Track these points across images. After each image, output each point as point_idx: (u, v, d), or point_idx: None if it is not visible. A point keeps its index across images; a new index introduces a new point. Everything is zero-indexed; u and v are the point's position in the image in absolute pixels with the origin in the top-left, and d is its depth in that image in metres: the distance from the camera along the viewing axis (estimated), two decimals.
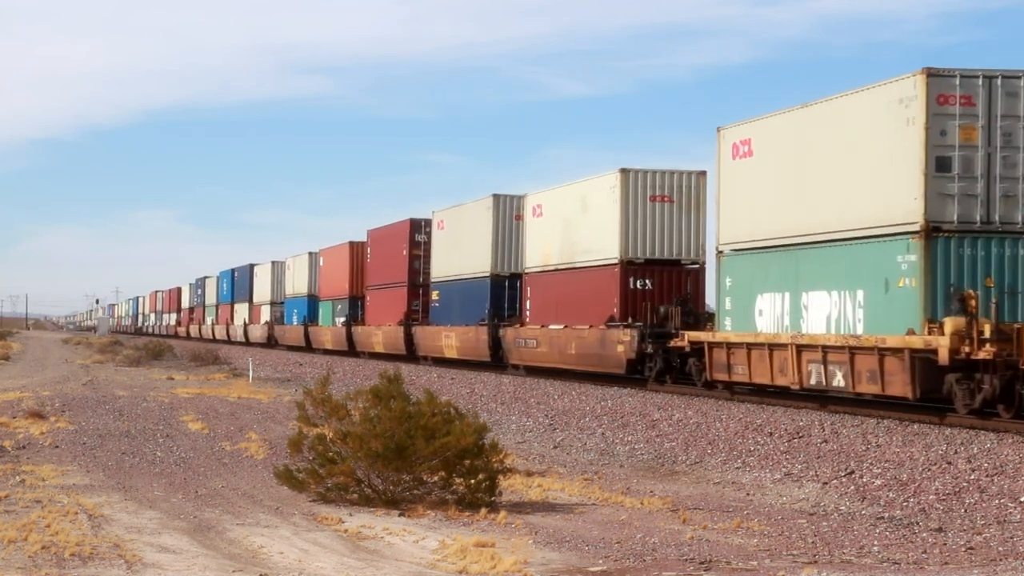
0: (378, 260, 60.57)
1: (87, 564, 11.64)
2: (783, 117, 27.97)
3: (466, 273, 47.79)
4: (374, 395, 16.52)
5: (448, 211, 51.68)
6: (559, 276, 39.85)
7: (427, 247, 53.52)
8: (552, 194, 41.29)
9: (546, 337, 39.78)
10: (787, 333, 26.72)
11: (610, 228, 35.92)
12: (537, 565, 12.13)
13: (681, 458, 21.92)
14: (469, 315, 46.68)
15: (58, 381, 40.77)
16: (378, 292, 60.05)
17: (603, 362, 35.94)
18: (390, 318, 56.94)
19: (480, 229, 46.49)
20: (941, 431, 21.31)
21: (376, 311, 60.23)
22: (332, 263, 70.32)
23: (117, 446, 22.03)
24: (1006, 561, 12.61)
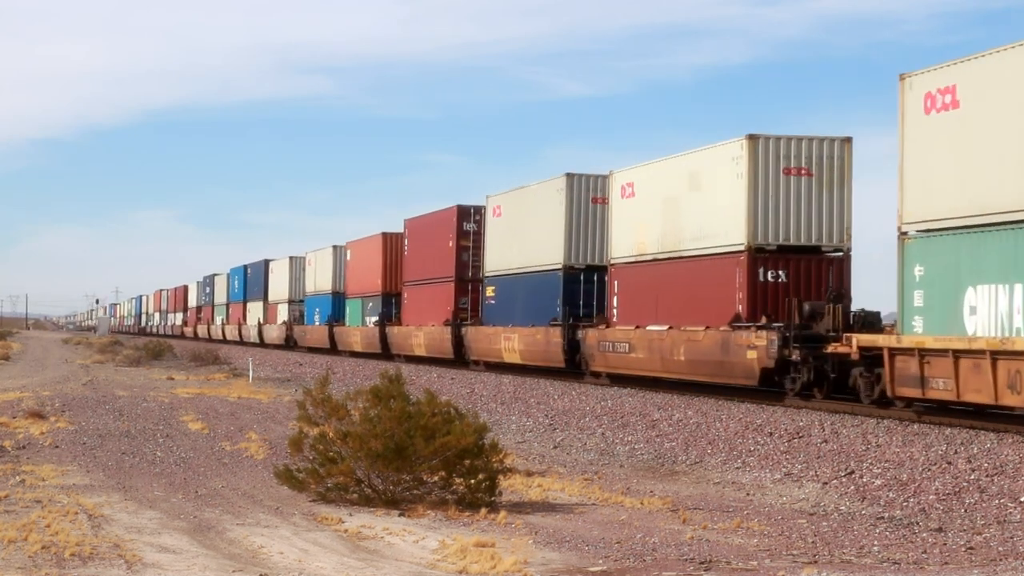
0: (418, 252, 54.03)
1: (87, 564, 11.64)
2: (1007, 55, 21.39)
3: (531, 266, 41.17)
4: (374, 395, 16.52)
5: (506, 195, 44.68)
6: (659, 268, 32.91)
7: (478, 237, 47.04)
8: (648, 170, 34.33)
9: (643, 341, 33.00)
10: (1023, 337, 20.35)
11: (733, 208, 29.33)
12: (537, 565, 12.13)
13: (681, 458, 21.92)
14: (536, 314, 40.19)
15: (58, 381, 40.77)
16: (418, 288, 53.64)
17: (726, 371, 29.19)
18: (433, 317, 50.46)
19: (549, 214, 39.77)
20: (941, 431, 21.30)
21: (416, 309, 53.84)
22: (361, 257, 63.31)
23: (117, 446, 22.03)
24: (1006, 561, 12.61)
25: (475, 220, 47.71)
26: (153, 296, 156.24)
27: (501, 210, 44.73)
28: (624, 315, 35.01)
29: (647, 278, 33.71)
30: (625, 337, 34.22)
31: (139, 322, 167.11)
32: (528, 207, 42.12)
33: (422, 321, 52.02)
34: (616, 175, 35.85)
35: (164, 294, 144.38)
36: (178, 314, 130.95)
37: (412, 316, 54.18)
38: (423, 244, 53.27)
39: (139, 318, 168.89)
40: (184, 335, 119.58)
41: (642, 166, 34.78)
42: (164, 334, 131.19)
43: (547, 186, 40.52)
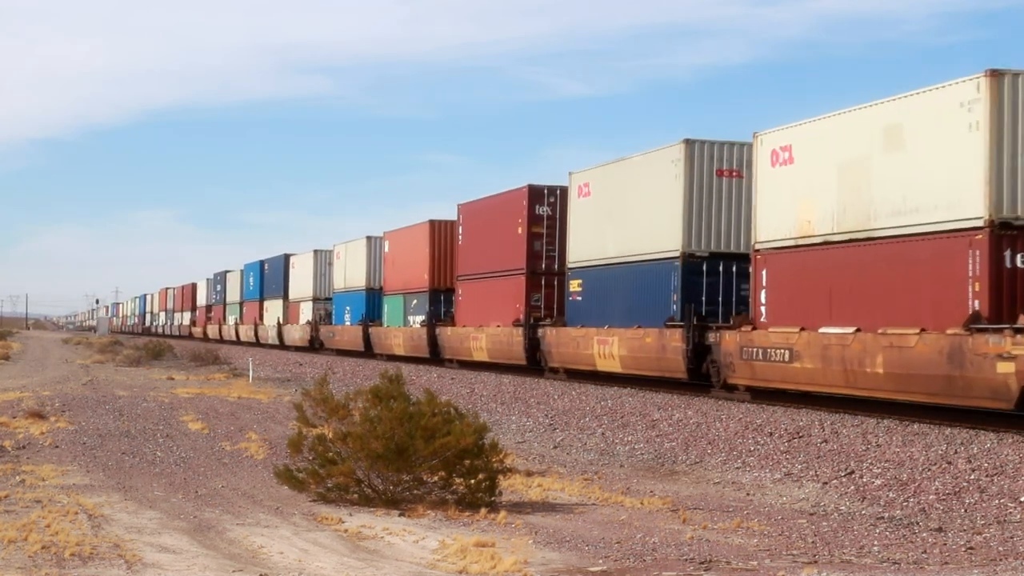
0: (476, 242, 46.41)
1: (87, 564, 11.64)
2: None
3: (634, 254, 33.75)
4: (374, 395, 16.52)
5: (598, 170, 36.97)
6: (835, 253, 25.39)
7: (554, 222, 40.40)
8: (815, 128, 26.62)
9: (812, 347, 25.30)
10: None
11: (962, 170, 21.90)
12: (537, 565, 12.13)
13: (681, 458, 21.92)
14: (642, 313, 32.97)
15: (58, 381, 40.76)
16: (477, 283, 46.14)
17: (957, 389, 21.56)
18: (498, 317, 43.01)
19: (660, 191, 32.40)
20: (941, 431, 21.30)
21: (474, 308, 46.25)
22: (403, 248, 55.93)
23: (117, 446, 22.03)
24: (1006, 561, 12.61)
25: (550, 202, 40.63)
26: (158, 295, 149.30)
27: (590, 188, 37.00)
28: (777, 314, 27.36)
29: (815, 266, 26.08)
30: (784, 341, 26.31)
31: (143, 322, 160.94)
32: (629, 183, 34.56)
33: (483, 321, 44.70)
34: (765, 137, 28.16)
35: (170, 292, 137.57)
36: (186, 313, 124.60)
37: (469, 315, 46.77)
38: (483, 232, 45.74)
39: (143, 318, 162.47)
40: (192, 336, 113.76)
41: (805, 124, 27.05)
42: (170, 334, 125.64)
43: (657, 157, 32.91)
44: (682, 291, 31.10)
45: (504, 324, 42.26)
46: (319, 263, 72.26)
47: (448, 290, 50.38)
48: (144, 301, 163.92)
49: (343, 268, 66.38)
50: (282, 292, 79.77)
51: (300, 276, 76.18)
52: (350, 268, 65.07)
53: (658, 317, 31.94)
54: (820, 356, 25.04)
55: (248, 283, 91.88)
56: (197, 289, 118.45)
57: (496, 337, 43.00)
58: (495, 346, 43.15)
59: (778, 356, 26.61)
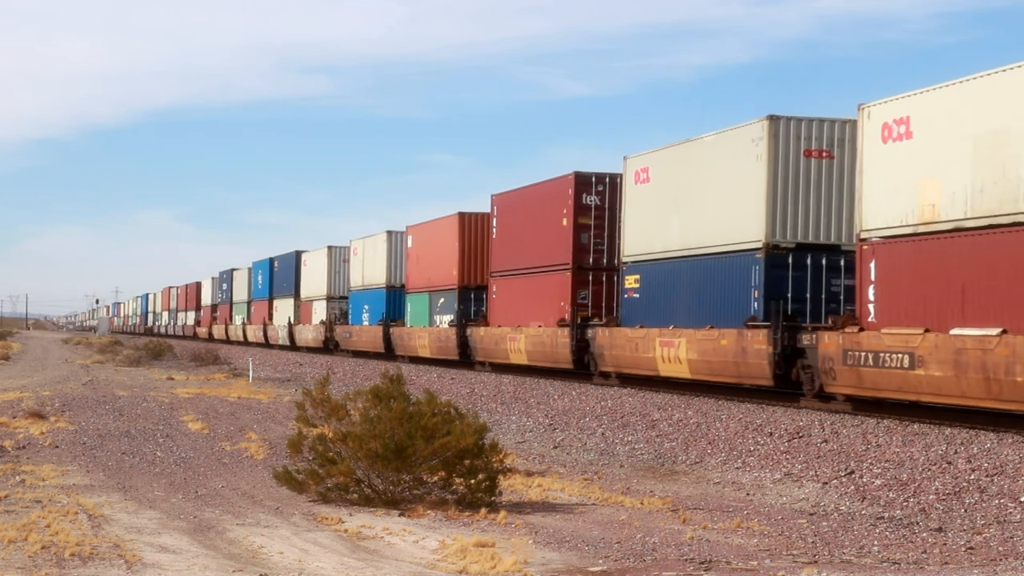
0: (513, 235, 42.36)
1: (87, 564, 11.64)
2: None
3: (704, 246, 29.97)
4: (374, 395, 16.53)
5: (660, 153, 32.74)
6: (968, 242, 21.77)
7: (603, 212, 36.76)
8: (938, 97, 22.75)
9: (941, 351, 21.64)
10: None
11: None
12: (537, 565, 12.14)
13: (681, 458, 21.92)
14: (716, 311, 29.11)
15: (58, 381, 40.77)
16: (513, 280, 42.16)
17: None
18: (539, 316, 39.19)
19: (738, 174, 28.46)
20: (941, 431, 21.30)
21: (510, 306, 42.25)
22: (428, 243, 51.80)
23: (117, 446, 22.03)
24: (1006, 561, 12.62)
25: (598, 191, 36.79)
26: (161, 294, 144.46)
27: (649, 174, 33.01)
28: (889, 312, 23.59)
29: (942, 257, 22.45)
30: (903, 345, 22.60)
31: (145, 322, 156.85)
32: (698, 167, 30.62)
33: (521, 321, 40.77)
34: (874, 109, 24.27)
35: (174, 292, 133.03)
36: (190, 313, 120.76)
37: (505, 315, 42.66)
38: (521, 224, 41.61)
39: (145, 317, 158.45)
40: (197, 336, 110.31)
41: (928, 92, 23.08)
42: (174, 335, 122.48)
43: (735, 136, 28.91)
44: (765, 287, 27.27)
45: (546, 324, 38.43)
46: (334, 260, 68.38)
47: (480, 287, 46.51)
48: (146, 301, 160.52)
49: (360, 265, 62.36)
50: (293, 291, 76.10)
51: (313, 274, 72.28)
52: (369, 265, 60.99)
53: (735, 316, 28.15)
54: (952, 362, 21.33)
55: (256, 282, 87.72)
56: (202, 288, 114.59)
57: (537, 338, 39.01)
58: (536, 348, 39.11)
59: (894, 362, 22.85)
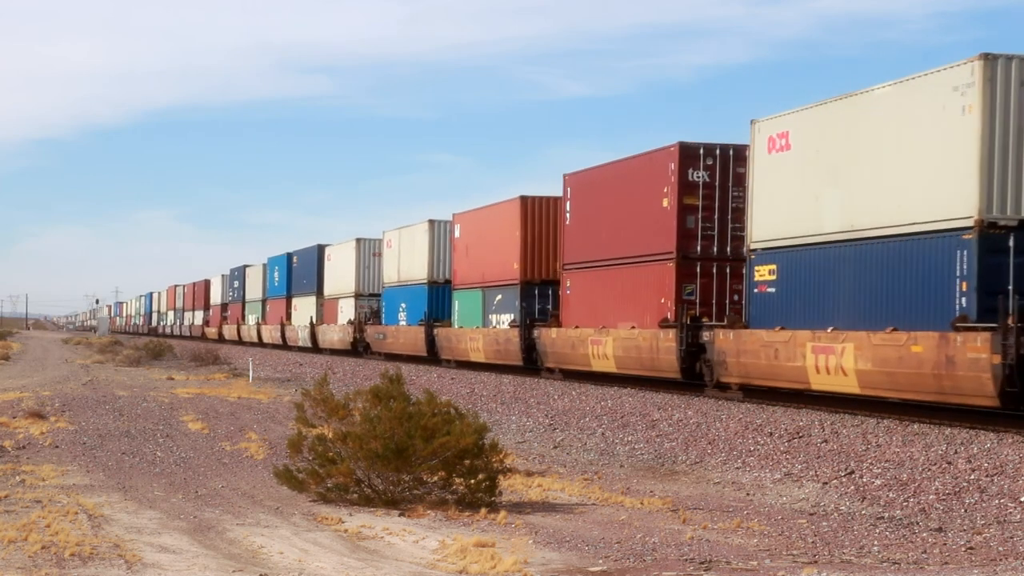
0: (593, 220, 35.99)
1: (87, 564, 11.64)
2: None
3: (880, 226, 23.89)
4: (374, 395, 16.52)
5: (808, 112, 26.13)
6: None
7: (713, 191, 30.95)
8: None
9: None
10: None
11: None
12: (537, 565, 12.13)
13: (681, 458, 21.92)
14: (898, 310, 23.31)
15: (58, 381, 40.77)
16: (595, 273, 35.79)
17: None
18: (632, 315, 33.05)
19: (934, 133, 22.48)
20: (941, 431, 21.30)
21: (590, 304, 35.95)
22: (481, 233, 45.48)
23: (117, 446, 22.03)
24: (1006, 561, 12.62)
25: (708, 165, 30.94)
26: (166, 292, 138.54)
27: (789, 139, 26.57)
28: None
29: None
30: None
31: (149, 321, 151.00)
32: (867, 126, 24.48)
33: (606, 321, 34.47)
34: None
35: (180, 290, 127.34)
36: (198, 312, 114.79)
37: (583, 314, 36.34)
38: (603, 207, 35.45)
39: (149, 317, 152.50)
40: (206, 336, 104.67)
41: None
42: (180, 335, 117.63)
43: (927, 84, 22.78)
44: (978, 277, 21.39)
45: (642, 325, 32.27)
46: (363, 254, 62.49)
47: (546, 283, 40.65)
48: (150, 300, 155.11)
49: (396, 259, 56.10)
50: (315, 288, 70.27)
51: (339, 269, 65.99)
52: (406, 258, 54.66)
53: (930, 315, 22.39)
54: None
55: (273, 279, 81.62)
56: (211, 286, 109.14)
57: (630, 342, 32.68)
58: (629, 354, 32.80)
59: None
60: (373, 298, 61.32)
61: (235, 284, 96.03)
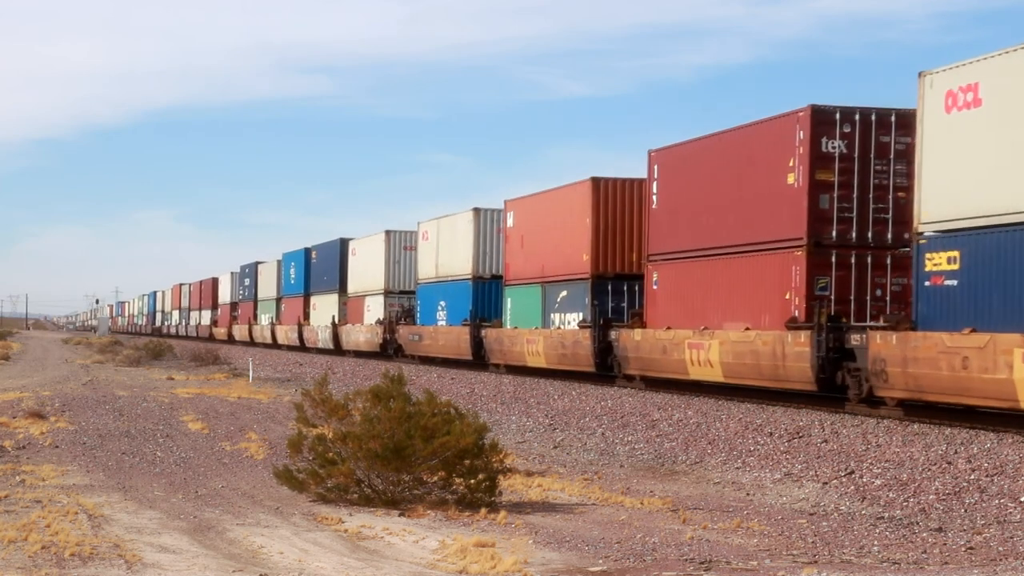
0: (689, 202, 30.62)
1: (87, 564, 11.64)
2: None
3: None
4: (374, 395, 16.52)
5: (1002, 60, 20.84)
6: None
7: (851, 165, 25.67)
8: None
9: None
10: None
11: None
12: (537, 565, 12.13)
13: (681, 458, 21.92)
14: None
15: (58, 381, 40.76)
16: (692, 265, 30.34)
17: None
18: (744, 314, 27.68)
19: None
20: (941, 431, 21.30)
21: (685, 301, 30.49)
22: (541, 221, 39.99)
23: (117, 446, 22.03)
24: (1006, 561, 12.62)
25: (845, 133, 25.81)
26: (171, 291, 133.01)
27: (980, 93, 21.25)
28: None
29: None
30: None
31: (153, 321, 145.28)
32: None
33: (709, 321, 29.00)
34: None
35: (186, 289, 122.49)
36: (205, 312, 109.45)
37: (675, 313, 30.83)
38: (703, 187, 30.13)
39: (153, 317, 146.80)
40: (214, 337, 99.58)
41: None
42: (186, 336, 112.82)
43: None
44: None
45: (759, 326, 27.04)
46: (392, 248, 57.24)
47: (622, 277, 35.59)
48: (154, 299, 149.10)
49: (433, 252, 50.72)
50: (338, 285, 65.03)
51: (365, 264, 60.58)
52: (447, 251, 49.15)
53: None
54: None
55: (288, 276, 76.34)
56: (219, 284, 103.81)
57: (744, 347, 27.21)
58: (742, 360, 27.27)
59: None
60: (405, 296, 56.33)
61: (246, 282, 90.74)
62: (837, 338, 24.76)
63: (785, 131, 26.59)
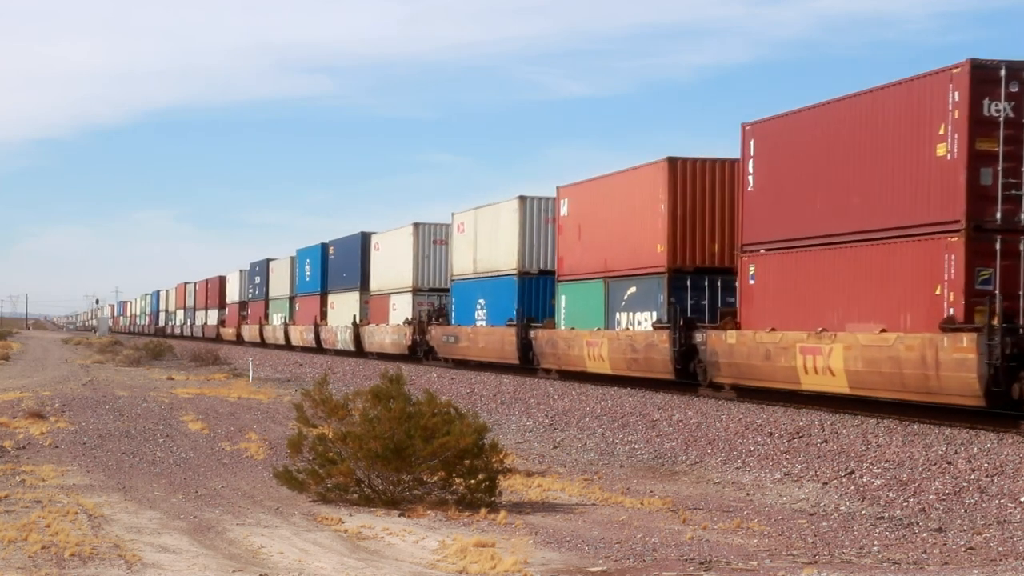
0: (796, 181, 26.22)
1: (87, 564, 11.64)
2: None
3: None
4: (374, 395, 16.52)
5: None
6: None
7: (1019, 128, 21.19)
8: None
9: None
10: None
11: None
12: (537, 565, 12.13)
13: (681, 458, 21.91)
14: None
15: (58, 381, 40.76)
16: (801, 255, 26.06)
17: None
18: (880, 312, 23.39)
19: None
20: (941, 431, 21.29)
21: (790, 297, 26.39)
22: (601, 207, 35.54)
23: (117, 446, 22.03)
24: (1006, 561, 12.62)
25: (1011, 94, 21.23)
26: (175, 290, 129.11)
27: None
28: None
29: None
30: None
31: (156, 321, 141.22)
32: None
33: (828, 322, 24.79)
34: None
35: (191, 287, 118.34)
36: (212, 312, 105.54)
37: (779, 311, 26.65)
38: (816, 163, 25.69)
39: (156, 317, 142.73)
40: (221, 338, 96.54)
41: None
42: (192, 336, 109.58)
43: None
44: None
45: (896, 327, 22.74)
46: (421, 241, 52.88)
47: (703, 271, 31.31)
48: (157, 298, 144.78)
49: (471, 246, 45.76)
50: (358, 282, 60.92)
51: (390, 260, 56.20)
52: (486, 244, 44.30)
53: None
54: None
55: (303, 273, 72.15)
56: (227, 283, 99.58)
57: (881, 353, 22.86)
58: (876, 368, 23.02)
59: None
60: (435, 293, 52.08)
61: (256, 280, 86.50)
62: (1016, 342, 20.51)
63: (933, 93, 22.14)
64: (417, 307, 52.23)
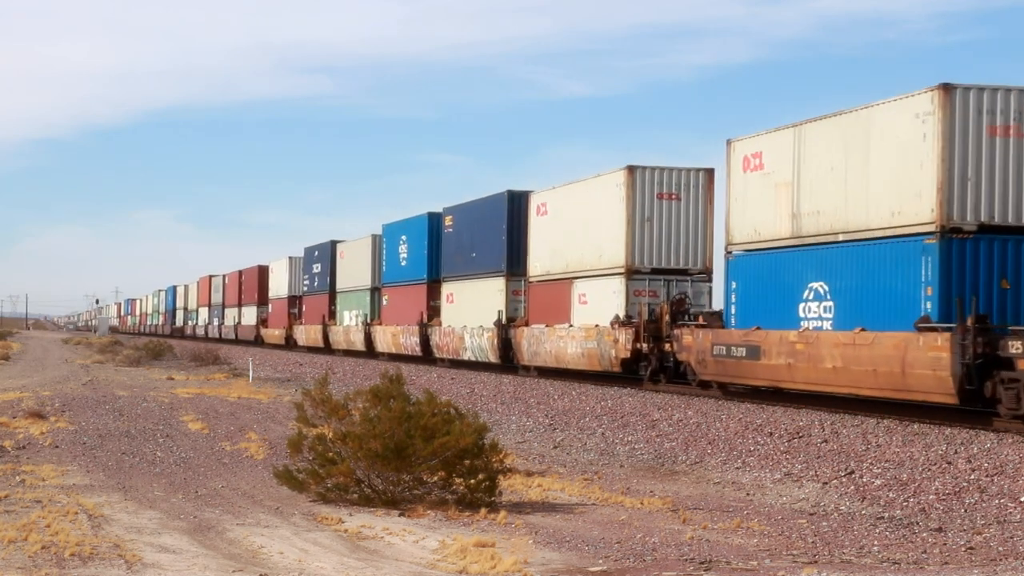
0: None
1: (87, 564, 11.64)
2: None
3: None
4: (374, 395, 16.52)
5: None
6: None
7: None
8: None
9: None
10: None
11: None
12: (537, 565, 12.13)
13: (681, 458, 21.91)
14: None
15: (58, 381, 40.76)
16: None
17: None
18: None
19: None
20: (941, 431, 21.30)
21: None
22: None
23: (117, 446, 22.03)
24: (1006, 561, 12.62)
25: None
26: (197, 285, 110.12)
27: None
28: None
29: None
30: None
31: (172, 320, 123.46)
32: None
33: None
34: None
35: (218, 281, 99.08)
36: (248, 309, 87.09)
37: None
38: None
39: (172, 315, 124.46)
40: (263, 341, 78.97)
41: None
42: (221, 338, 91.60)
43: None
44: None
45: None
46: (640, 194, 34.17)
47: None
48: (173, 295, 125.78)
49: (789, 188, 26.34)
50: (503, 264, 42.73)
51: (574, 227, 37.30)
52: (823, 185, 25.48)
53: None
54: None
55: (396, 255, 54.85)
56: (270, 273, 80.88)
57: None
58: None
59: None
60: (666, 277, 33.98)
61: (315, 268, 69.09)
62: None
63: None
64: (634, 297, 34.17)
